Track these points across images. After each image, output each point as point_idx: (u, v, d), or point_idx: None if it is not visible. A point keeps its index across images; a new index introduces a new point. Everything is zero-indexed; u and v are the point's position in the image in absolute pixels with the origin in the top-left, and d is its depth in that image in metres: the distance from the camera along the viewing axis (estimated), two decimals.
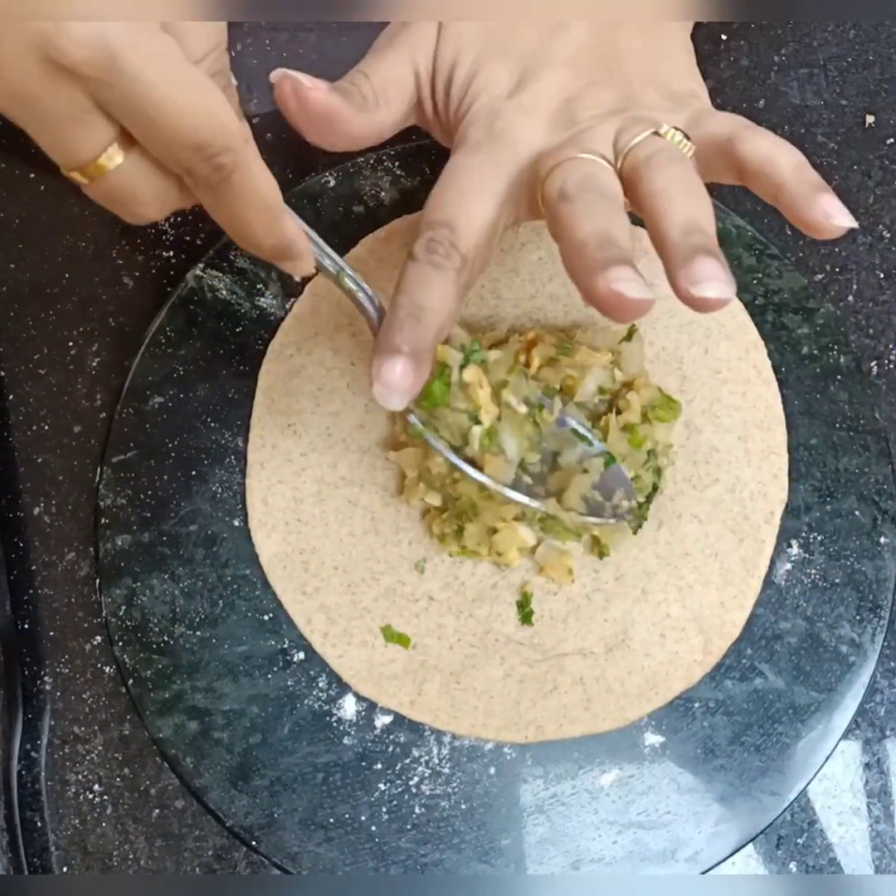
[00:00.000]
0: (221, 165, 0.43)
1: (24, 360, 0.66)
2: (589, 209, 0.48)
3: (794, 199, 0.48)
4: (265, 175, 0.46)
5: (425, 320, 0.50)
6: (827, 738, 0.61)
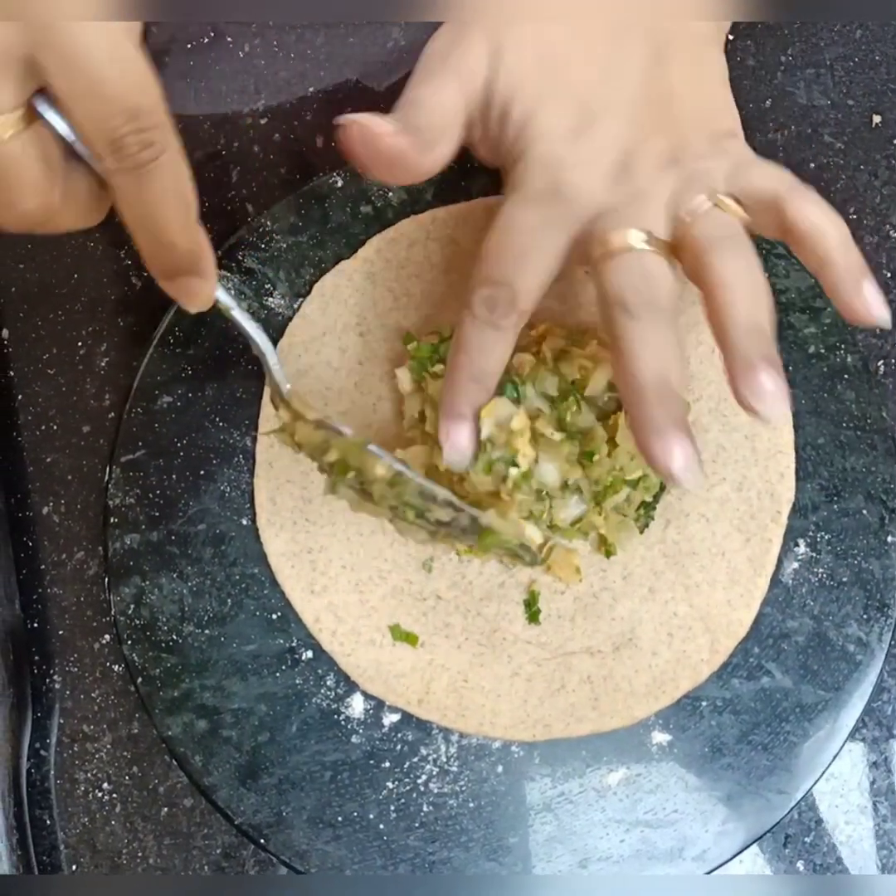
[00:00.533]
0: (152, 142, 0.42)
1: (33, 361, 0.66)
2: (650, 335, 0.50)
3: (839, 281, 0.50)
4: (187, 171, 0.45)
5: (486, 383, 0.54)
6: (834, 736, 0.61)
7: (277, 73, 0.68)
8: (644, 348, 0.50)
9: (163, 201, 0.44)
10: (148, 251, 0.47)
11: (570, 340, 0.60)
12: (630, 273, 0.51)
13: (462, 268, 0.64)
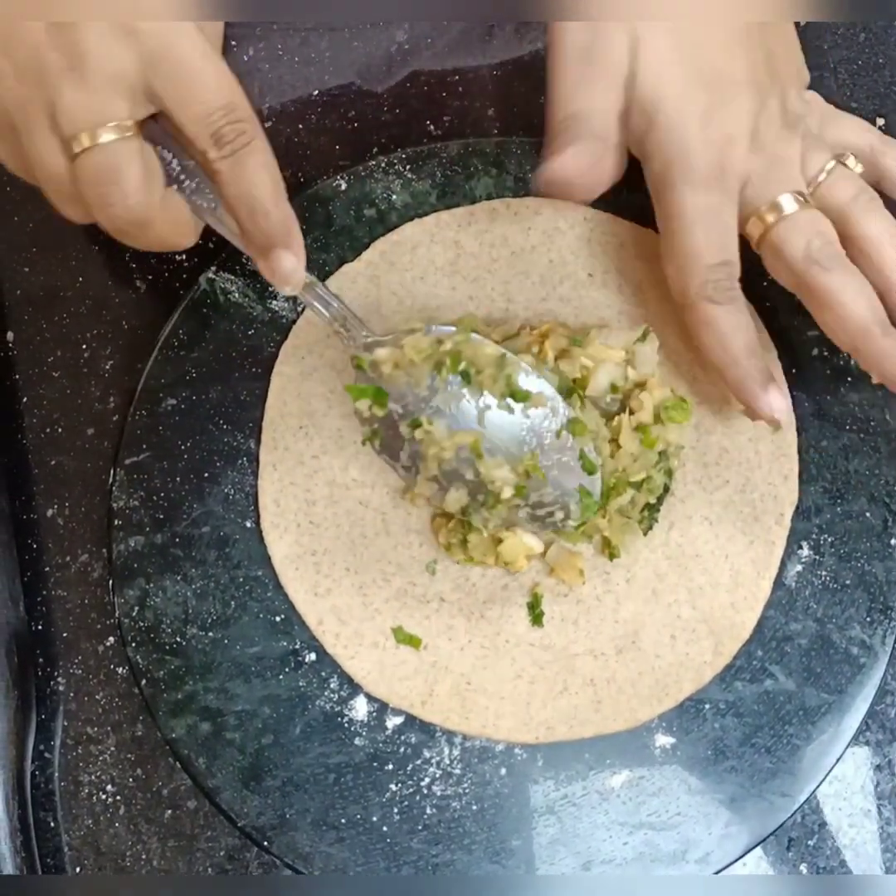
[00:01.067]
0: (245, 130, 0.50)
1: (38, 363, 0.66)
2: (849, 279, 0.56)
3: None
4: (272, 154, 0.52)
5: (758, 354, 0.58)
6: (837, 740, 0.61)
7: (281, 77, 0.68)
8: (849, 292, 0.55)
9: (257, 177, 0.51)
10: (247, 225, 0.52)
11: (571, 340, 0.60)
12: (806, 232, 0.56)
13: (465, 270, 0.64)
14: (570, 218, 0.64)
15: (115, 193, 0.50)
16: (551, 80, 0.57)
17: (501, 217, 0.64)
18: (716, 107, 0.56)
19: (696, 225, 0.56)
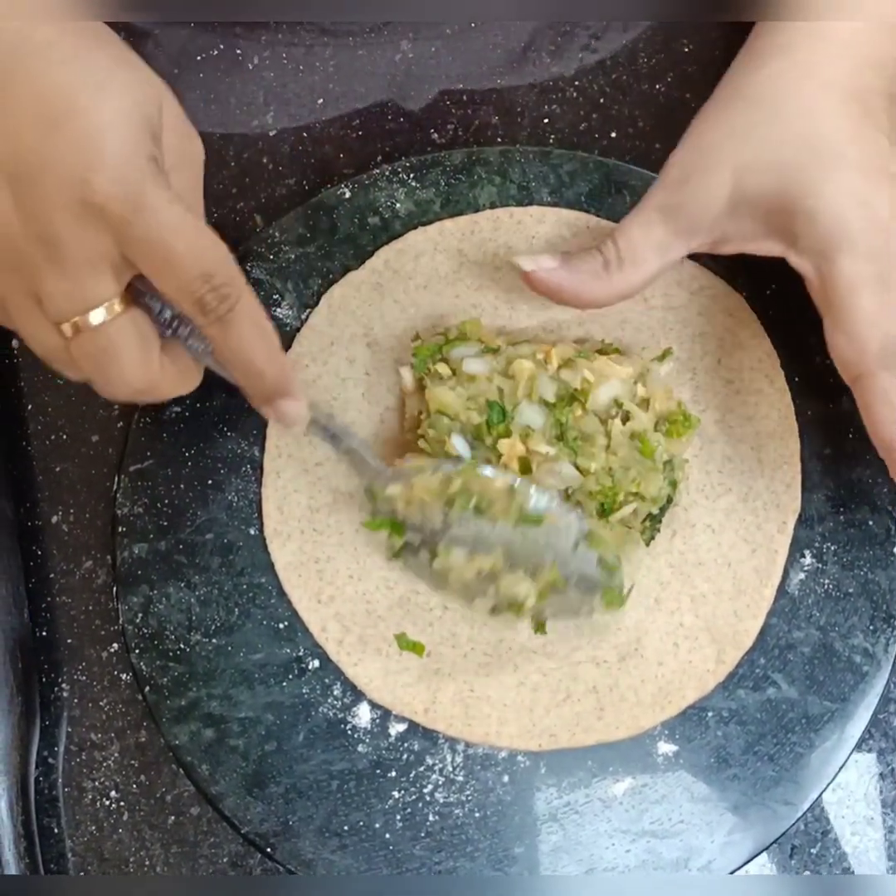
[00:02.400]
0: (227, 295, 0.49)
1: (43, 371, 0.66)
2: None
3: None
4: (261, 308, 0.52)
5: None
6: (840, 747, 0.61)
7: (286, 86, 0.68)
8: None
9: (247, 340, 0.51)
10: (244, 384, 0.53)
11: (579, 353, 0.61)
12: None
13: (469, 279, 0.64)
14: (573, 227, 0.64)
15: (114, 372, 0.50)
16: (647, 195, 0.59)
17: (505, 226, 0.64)
18: (877, 194, 0.54)
19: (868, 291, 0.54)
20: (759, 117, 0.56)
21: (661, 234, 0.58)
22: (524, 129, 0.68)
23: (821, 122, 0.55)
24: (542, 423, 0.58)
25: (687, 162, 0.58)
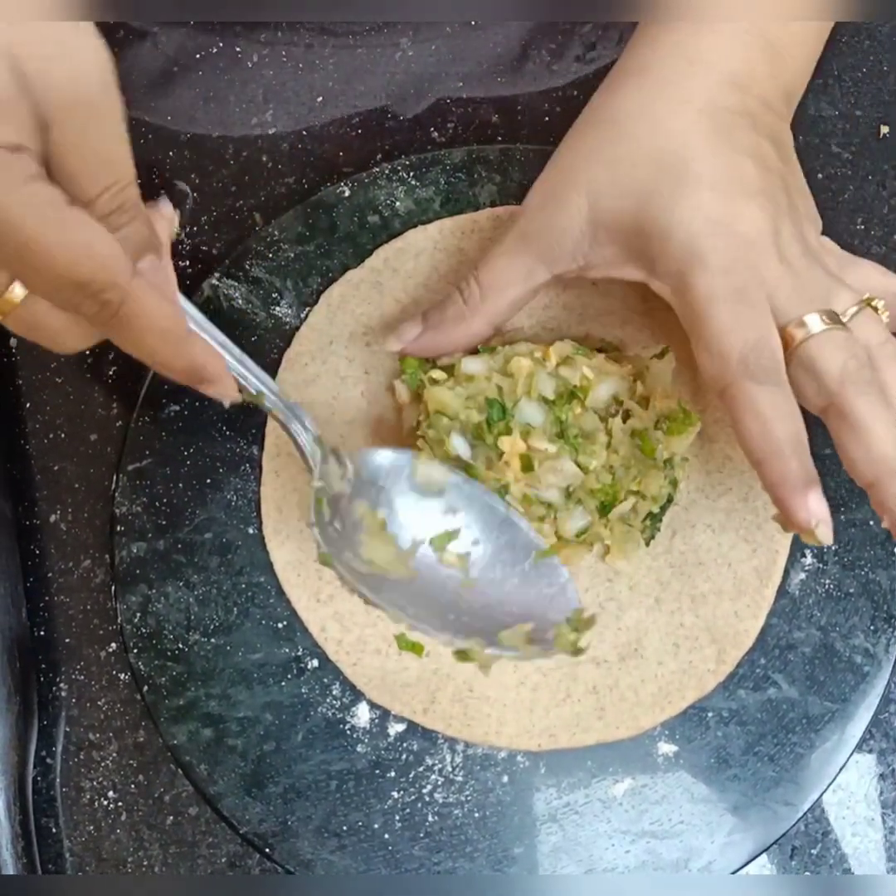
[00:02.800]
0: (107, 301, 0.44)
1: (41, 369, 0.66)
2: (880, 409, 0.51)
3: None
4: (158, 305, 0.46)
5: (804, 445, 0.53)
6: (841, 748, 0.61)
7: (285, 84, 0.68)
8: (881, 422, 0.51)
9: (139, 339, 0.47)
10: (157, 371, 0.50)
11: (577, 350, 0.60)
12: (843, 349, 0.52)
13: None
14: None
15: (49, 340, 0.48)
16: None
17: (505, 224, 0.64)
18: (731, 212, 0.53)
19: (724, 304, 0.52)
20: (611, 138, 0.55)
21: (524, 261, 0.57)
22: (524, 128, 0.68)
23: (673, 141, 0.54)
24: (542, 420, 0.58)
25: (546, 188, 0.57)
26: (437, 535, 0.57)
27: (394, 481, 0.57)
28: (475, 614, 0.56)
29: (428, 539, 0.57)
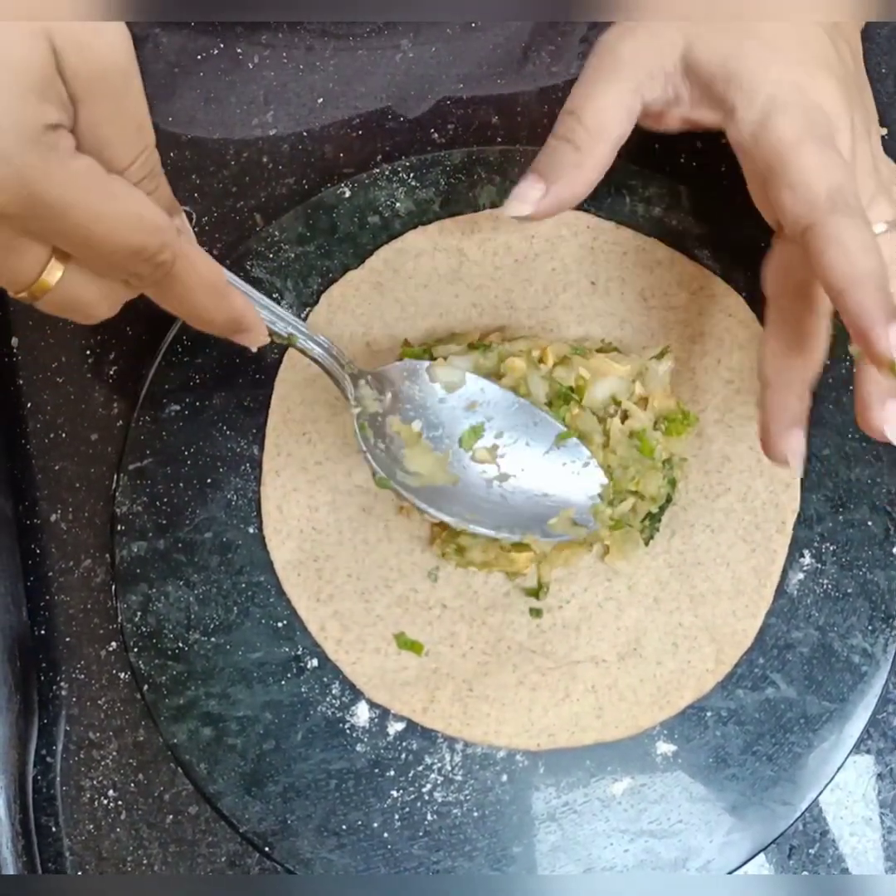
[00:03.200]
0: (162, 262, 0.45)
1: (42, 369, 0.66)
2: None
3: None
4: (204, 259, 0.48)
5: (885, 276, 0.52)
6: (839, 748, 0.61)
7: (286, 85, 0.68)
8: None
9: (189, 297, 0.48)
10: (197, 327, 0.51)
11: (573, 349, 0.61)
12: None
13: (468, 278, 0.64)
14: (573, 226, 0.65)
15: (81, 315, 0.48)
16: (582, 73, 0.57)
17: (504, 225, 0.64)
18: (816, 87, 0.55)
19: (812, 144, 0.53)
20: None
21: (623, 92, 0.56)
22: (524, 129, 0.68)
23: (765, 23, 0.56)
24: None
25: (634, 19, 0.57)
26: (464, 433, 0.59)
27: (417, 390, 0.59)
28: (520, 508, 0.59)
29: (457, 440, 0.59)
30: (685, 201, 0.65)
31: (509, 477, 0.59)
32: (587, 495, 0.59)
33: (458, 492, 0.59)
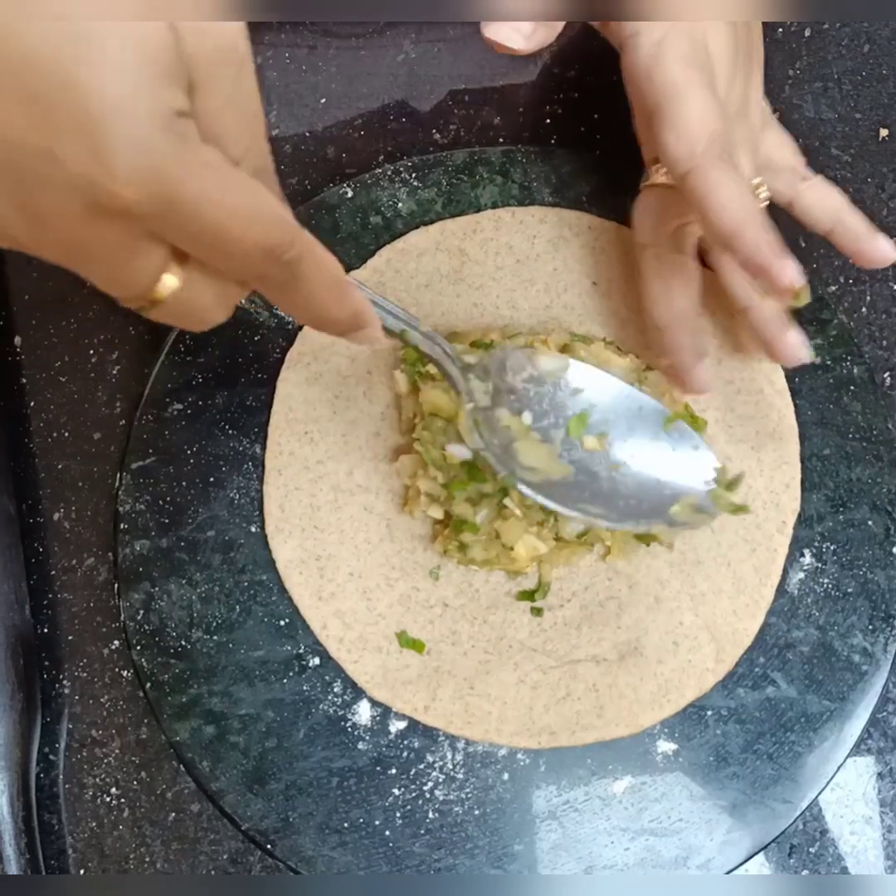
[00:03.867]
0: (289, 261, 0.42)
1: (46, 368, 0.66)
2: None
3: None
4: (326, 253, 0.44)
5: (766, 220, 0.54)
6: (839, 747, 0.61)
7: (289, 86, 0.68)
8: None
9: (314, 294, 0.44)
10: (317, 328, 0.48)
11: (573, 336, 0.61)
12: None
13: (470, 278, 0.64)
14: (574, 226, 0.65)
15: (196, 324, 0.44)
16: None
17: (506, 225, 0.65)
18: (705, 29, 0.56)
19: (699, 89, 0.54)
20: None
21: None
22: (526, 129, 0.69)
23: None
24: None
25: None
26: (571, 422, 0.58)
27: (520, 379, 0.58)
28: (637, 497, 0.57)
29: (564, 429, 0.58)
30: None
31: (620, 465, 0.58)
32: (703, 480, 0.58)
33: (576, 484, 0.57)
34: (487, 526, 0.59)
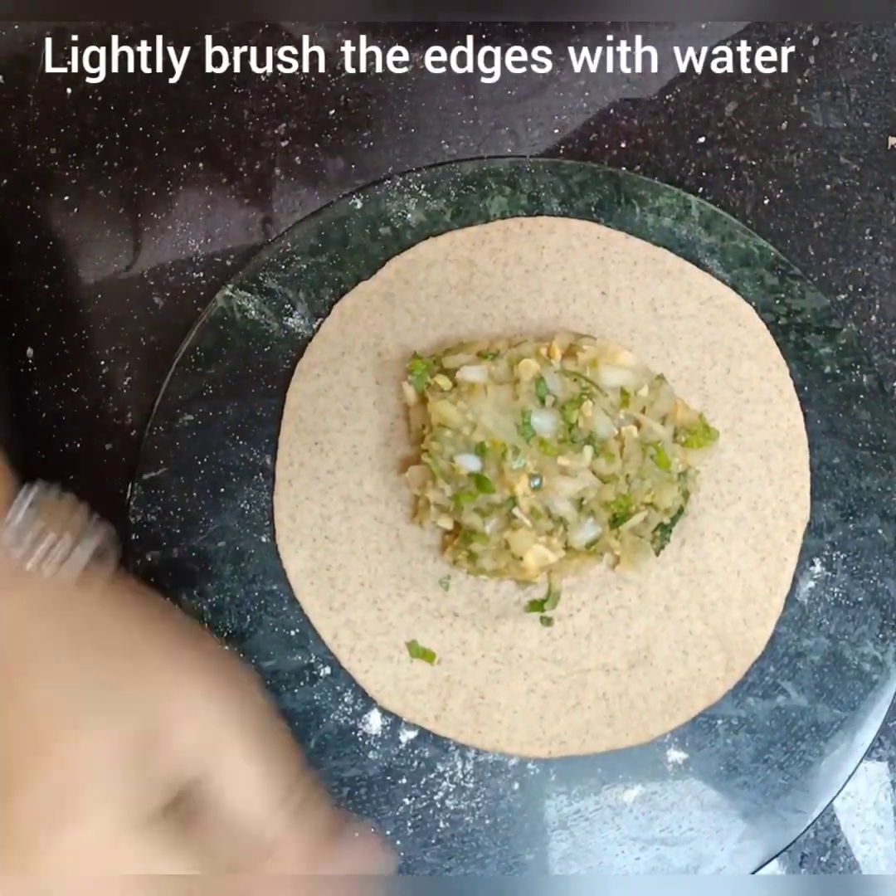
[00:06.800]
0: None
1: (57, 379, 0.67)
2: None
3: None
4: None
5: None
6: (850, 756, 0.61)
7: (298, 97, 0.69)
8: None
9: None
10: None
11: (577, 336, 0.61)
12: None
13: (479, 289, 0.64)
14: (583, 236, 0.65)
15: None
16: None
17: (515, 236, 0.65)
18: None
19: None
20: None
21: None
22: (534, 140, 0.69)
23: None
24: (553, 428, 0.58)
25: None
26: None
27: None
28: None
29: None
30: (694, 211, 0.65)
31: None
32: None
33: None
34: (497, 536, 0.59)
